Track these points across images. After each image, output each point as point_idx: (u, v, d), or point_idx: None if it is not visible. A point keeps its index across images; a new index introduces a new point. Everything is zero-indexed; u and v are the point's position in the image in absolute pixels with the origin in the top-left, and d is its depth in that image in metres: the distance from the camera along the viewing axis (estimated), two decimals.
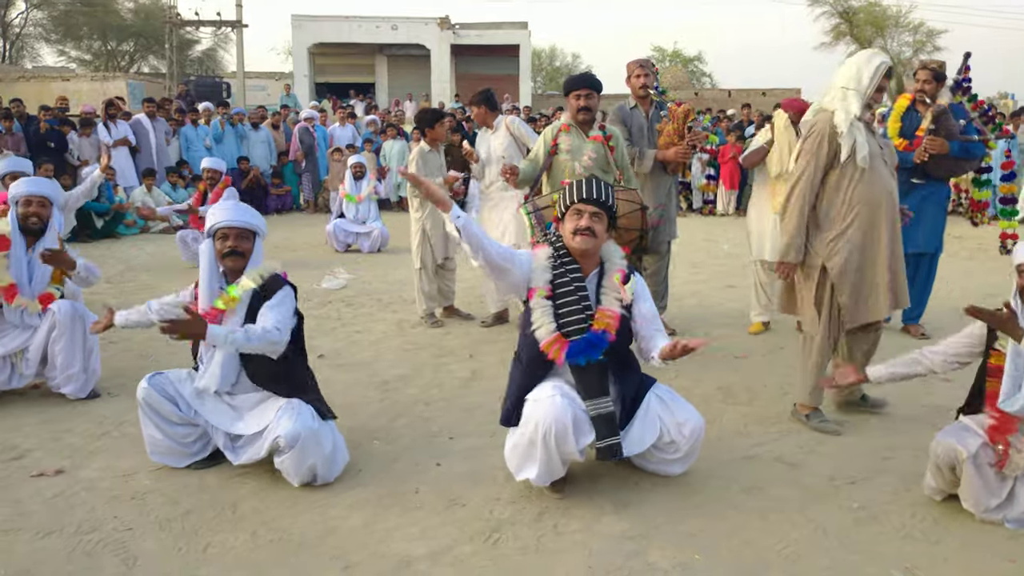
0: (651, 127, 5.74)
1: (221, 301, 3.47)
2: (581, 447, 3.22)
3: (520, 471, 3.34)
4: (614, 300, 3.34)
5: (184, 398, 3.58)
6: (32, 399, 4.62)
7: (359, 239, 10.18)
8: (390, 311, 6.92)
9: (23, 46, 38.12)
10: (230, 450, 3.57)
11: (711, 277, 8.28)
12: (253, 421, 3.51)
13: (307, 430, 3.35)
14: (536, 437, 3.17)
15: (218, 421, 3.55)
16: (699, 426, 3.37)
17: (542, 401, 3.20)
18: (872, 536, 3.08)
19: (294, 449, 3.33)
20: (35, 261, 4.54)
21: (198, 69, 38.37)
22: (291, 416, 3.38)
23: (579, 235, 3.30)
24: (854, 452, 3.86)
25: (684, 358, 3.27)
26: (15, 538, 3.04)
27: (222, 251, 3.53)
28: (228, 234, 3.53)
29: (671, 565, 2.87)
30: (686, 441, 3.35)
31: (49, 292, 4.59)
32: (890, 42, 36.30)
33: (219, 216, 3.55)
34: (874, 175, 3.94)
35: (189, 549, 2.98)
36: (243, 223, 3.56)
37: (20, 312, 4.51)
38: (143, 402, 3.54)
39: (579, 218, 3.31)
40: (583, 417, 3.22)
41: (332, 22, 28.54)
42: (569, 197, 3.38)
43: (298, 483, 3.44)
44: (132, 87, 23.87)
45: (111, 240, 10.92)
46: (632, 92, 5.80)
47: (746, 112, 15.57)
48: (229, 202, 3.67)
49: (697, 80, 41.46)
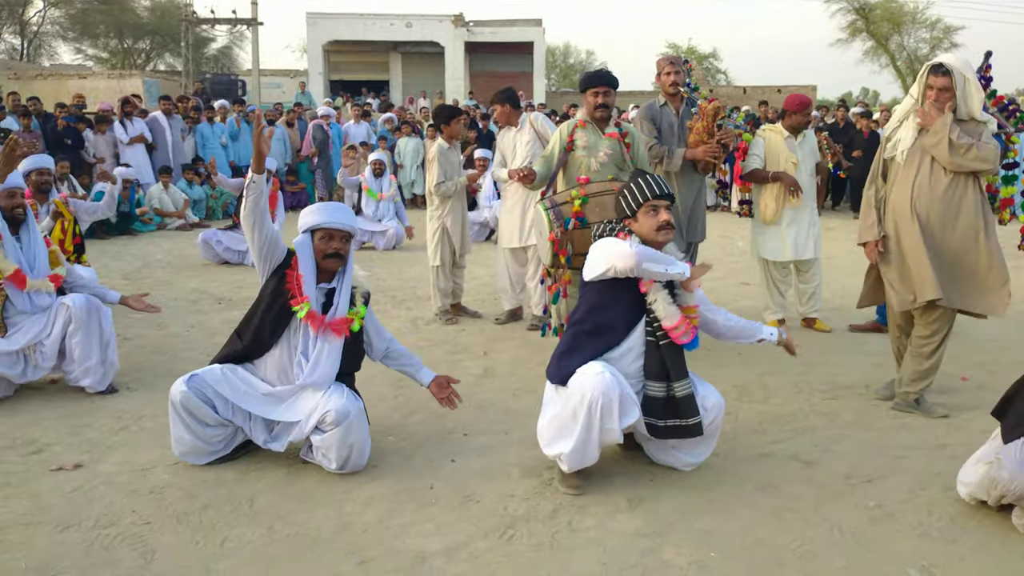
0: (681, 125, 5.65)
1: (355, 318, 3.65)
2: (624, 425, 3.24)
3: (552, 444, 3.36)
4: (687, 296, 3.50)
5: (223, 398, 3.59)
6: (51, 394, 4.66)
7: (374, 237, 10.20)
8: (404, 308, 6.94)
9: (41, 44, 38.43)
10: (271, 442, 3.62)
11: (726, 274, 8.25)
12: (294, 409, 3.56)
13: (356, 409, 3.50)
14: (580, 407, 3.20)
15: (261, 410, 3.59)
16: (719, 403, 3.47)
17: (590, 375, 3.24)
18: (888, 534, 3.07)
19: (341, 426, 3.42)
20: (32, 248, 4.60)
21: (214, 67, 38.57)
22: (341, 394, 3.51)
23: (663, 230, 3.42)
24: (870, 451, 3.85)
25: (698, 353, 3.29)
26: (35, 531, 3.08)
27: (326, 251, 3.57)
28: (334, 235, 3.57)
29: (686, 563, 2.87)
30: (708, 415, 3.42)
31: (56, 274, 4.64)
32: (906, 39, 36.08)
33: (324, 217, 3.58)
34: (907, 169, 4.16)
35: (206, 543, 3.00)
36: (349, 226, 3.63)
37: (29, 297, 4.54)
38: (179, 405, 3.53)
39: (657, 214, 3.42)
40: (628, 398, 3.26)
41: (347, 20, 28.59)
42: (641, 195, 3.44)
43: (335, 464, 3.49)
44: (148, 85, 23.99)
45: (128, 237, 10.99)
46: (662, 89, 5.73)
47: (763, 109, 15.50)
48: (332, 203, 3.70)
49: (712, 77, 41.32)
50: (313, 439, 3.51)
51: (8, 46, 37.09)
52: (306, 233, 3.61)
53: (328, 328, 3.58)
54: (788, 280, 6.13)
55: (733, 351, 5.47)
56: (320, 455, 3.53)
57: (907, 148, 4.19)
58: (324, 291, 3.64)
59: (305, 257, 3.58)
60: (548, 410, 3.45)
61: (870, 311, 6.15)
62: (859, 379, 4.91)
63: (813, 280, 6.13)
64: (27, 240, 4.62)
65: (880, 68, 37.46)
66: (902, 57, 36.36)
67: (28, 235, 4.64)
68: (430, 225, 6.52)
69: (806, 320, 6.24)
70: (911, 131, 4.18)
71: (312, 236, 3.60)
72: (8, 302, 4.51)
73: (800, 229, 5.95)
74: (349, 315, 3.63)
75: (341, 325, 3.60)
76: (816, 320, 6.20)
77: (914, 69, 35.39)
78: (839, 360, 5.31)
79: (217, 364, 3.68)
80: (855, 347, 5.64)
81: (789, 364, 5.19)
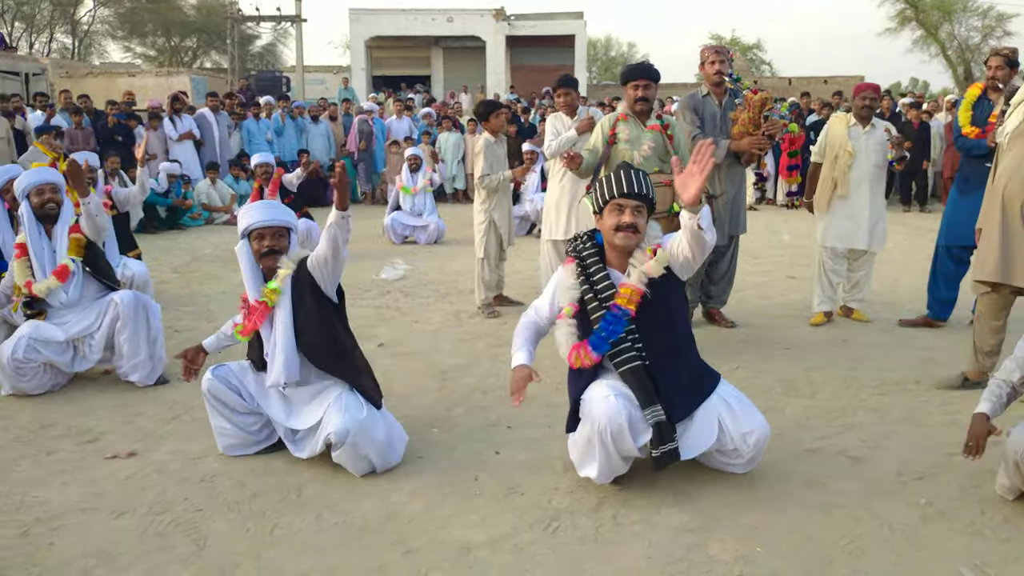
0: (724, 116, 5.56)
1: (264, 295, 3.54)
2: (639, 445, 3.18)
3: (581, 468, 3.34)
4: (639, 275, 3.20)
5: (247, 388, 3.66)
6: (104, 384, 4.78)
7: (416, 232, 10.26)
8: (447, 302, 6.98)
9: (91, 43, 39.31)
10: (291, 443, 3.66)
11: (773, 267, 8.16)
12: (307, 416, 3.57)
13: (355, 424, 3.37)
14: (593, 436, 3.14)
15: (277, 415, 3.63)
16: (764, 435, 3.27)
17: (597, 401, 3.16)
18: (940, 533, 3.01)
19: (345, 445, 3.37)
20: (56, 243, 4.67)
21: (258, 64, 39.12)
22: (339, 412, 3.41)
23: (621, 232, 3.20)
24: (920, 447, 3.78)
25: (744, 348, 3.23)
26: (91, 517, 3.16)
27: (260, 251, 3.56)
28: (264, 234, 3.56)
29: (732, 558, 2.85)
30: (750, 450, 3.27)
31: (64, 264, 4.65)
32: (957, 27, 35.15)
33: (252, 217, 3.57)
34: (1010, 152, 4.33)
35: (256, 530, 3.06)
36: (278, 221, 3.59)
37: (59, 292, 4.63)
38: (208, 393, 3.62)
39: (620, 214, 3.19)
40: (639, 416, 3.16)
41: (389, 15, 28.77)
42: (608, 191, 3.22)
43: (359, 475, 3.49)
44: (195, 82, 24.40)
45: (176, 231, 11.20)
46: (705, 79, 5.65)
47: (805, 100, 15.26)
48: (260, 202, 3.69)
49: (756, 68, 40.75)
50: (332, 454, 3.48)
51: (60, 45, 38.03)
52: (244, 239, 3.61)
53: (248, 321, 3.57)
54: (840, 272, 6.03)
55: (780, 346, 5.40)
56: (344, 467, 3.52)
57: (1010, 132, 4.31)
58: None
59: (245, 262, 3.60)
60: (571, 437, 3.37)
61: (921, 306, 6.04)
62: (909, 375, 4.82)
63: (861, 269, 6.05)
64: (57, 238, 4.69)
65: (930, 58, 36.55)
66: (952, 46, 35.46)
67: (58, 233, 4.70)
68: (477, 218, 6.53)
69: (844, 308, 6.16)
70: (1017, 118, 4.29)
71: (249, 239, 3.60)
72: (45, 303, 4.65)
73: (857, 219, 5.86)
74: (264, 292, 3.55)
75: (256, 312, 3.55)
76: (855, 310, 6.11)
77: (965, 59, 34.54)
78: (889, 355, 5.22)
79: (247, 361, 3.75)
80: (905, 342, 5.53)
81: (837, 360, 5.12)
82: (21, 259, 4.64)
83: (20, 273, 4.63)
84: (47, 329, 4.59)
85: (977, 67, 33.78)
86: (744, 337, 5.64)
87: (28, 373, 4.48)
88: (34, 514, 3.18)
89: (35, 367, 4.50)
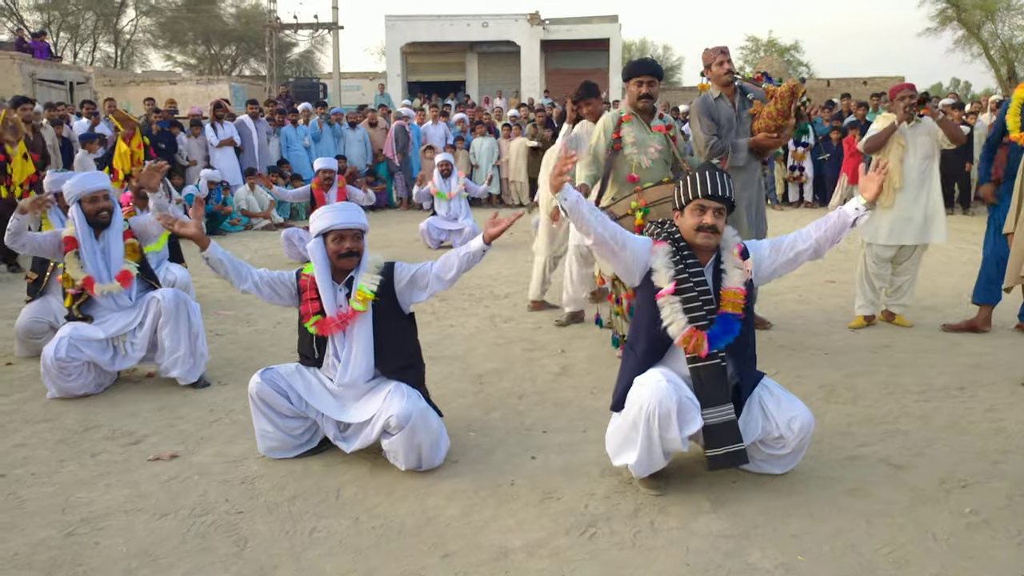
0: (740, 115, 5.37)
1: (357, 302, 3.60)
2: (685, 435, 3.17)
3: (618, 455, 3.34)
4: (737, 276, 3.28)
5: (295, 391, 3.70)
6: (147, 388, 4.87)
7: (451, 236, 10.31)
8: (482, 306, 6.99)
9: (133, 52, 40.06)
10: (340, 440, 3.69)
11: (810, 271, 8.05)
12: (362, 409, 3.62)
13: (418, 410, 3.48)
14: (639, 419, 3.15)
15: (329, 410, 3.67)
16: (808, 422, 3.31)
17: (648, 384, 3.17)
18: (985, 542, 2.95)
19: (405, 429, 3.43)
20: (108, 248, 4.78)
21: (296, 71, 39.58)
22: (401, 397, 3.51)
23: (702, 232, 3.24)
24: (965, 455, 3.70)
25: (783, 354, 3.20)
26: (135, 518, 3.22)
27: (339, 251, 3.60)
28: (344, 236, 3.61)
29: (772, 566, 2.81)
30: (795, 437, 3.29)
31: (125, 270, 4.80)
32: (1000, 27, 34.41)
33: (333, 219, 3.62)
34: None
35: (296, 532, 3.09)
36: (358, 224, 3.66)
37: (110, 297, 4.76)
38: (256, 397, 3.66)
39: (702, 214, 3.23)
40: (689, 404, 3.16)
41: (424, 21, 28.93)
42: (692, 191, 3.26)
43: (405, 466, 3.53)
44: (235, 89, 24.76)
45: (216, 237, 11.35)
46: (716, 81, 5.41)
47: (845, 102, 15.05)
48: (338, 204, 3.74)
49: (794, 70, 40.31)
50: (382, 442, 3.55)
51: (103, 54, 38.81)
52: (318, 238, 3.65)
53: (331, 325, 3.61)
54: (884, 276, 5.92)
55: (820, 352, 5.33)
56: (391, 457, 3.57)
57: None
58: (345, 287, 3.66)
59: (319, 262, 3.63)
60: (613, 421, 3.41)
61: (963, 311, 5.94)
62: (953, 381, 4.73)
63: (906, 273, 5.93)
64: (107, 243, 4.80)
65: (972, 58, 35.85)
66: (995, 46, 34.75)
67: (109, 238, 4.82)
68: (542, 218, 6.53)
69: (887, 313, 6.05)
70: None
71: (324, 240, 3.64)
72: (92, 299, 4.76)
73: (910, 213, 5.73)
74: (351, 305, 3.61)
75: (341, 318, 3.60)
76: (897, 315, 6.01)
77: (1008, 58, 33.80)
78: (932, 362, 5.12)
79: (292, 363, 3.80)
80: (949, 348, 5.43)
81: (878, 365, 5.04)
82: (72, 252, 4.74)
83: (72, 265, 4.73)
84: (87, 328, 4.69)
85: (1021, 67, 33.06)
86: (783, 342, 5.57)
87: (72, 373, 4.57)
88: (79, 515, 3.25)
89: (79, 366, 4.59)
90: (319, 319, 3.63)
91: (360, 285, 3.61)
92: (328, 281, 3.63)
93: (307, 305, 3.67)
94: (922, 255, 5.96)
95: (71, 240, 4.75)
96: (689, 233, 3.28)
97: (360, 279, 3.62)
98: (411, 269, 3.71)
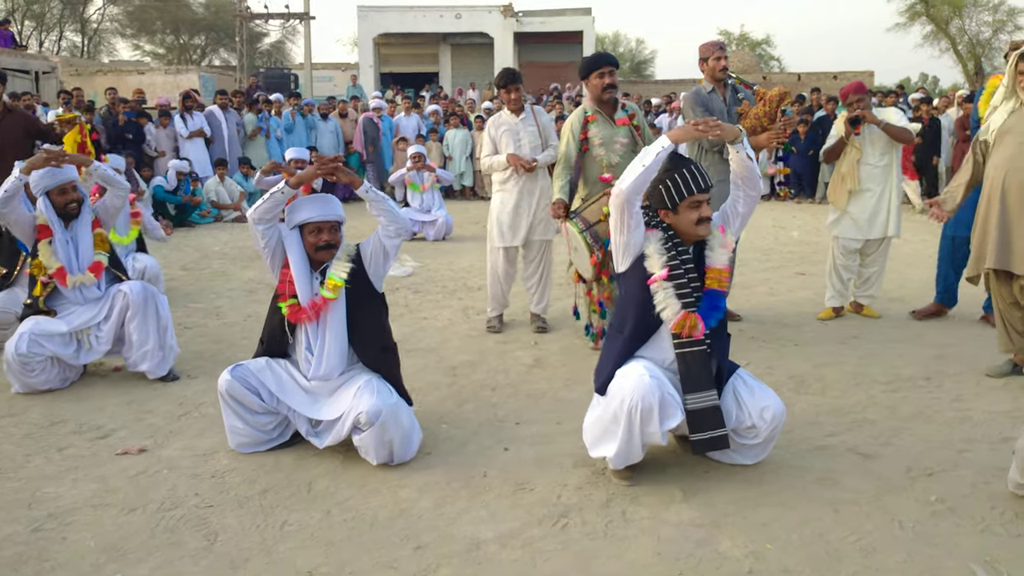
0: (730, 111, 5.46)
1: (327, 290, 3.57)
2: (665, 429, 3.20)
3: (596, 447, 3.36)
4: (723, 255, 3.39)
5: (266, 387, 3.66)
6: (115, 381, 4.80)
7: (424, 227, 10.27)
8: (456, 298, 6.98)
9: (100, 41, 39.45)
10: (312, 436, 3.67)
11: (781, 264, 8.14)
12: (333, 407, 3.60)
13: (387, 406, 3.45)
14: (620, 412, 3.17)
15: (301, 407, 3.64)
16: (780, 412, 3.36)
17: (631, 377, 3.20)
18: (950, 529, 3.00)
19: (375, 426, 3.41)
20: (77, 238, 4.72)
21: (267, 61, 39.18)
22: (371, 393, 3.49)
23: (703, 224, 3.36)
24: (931, 444, 3.76)
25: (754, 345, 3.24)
26: (103, 513, 3.18)
27: (317, 244, 3.59)
28: (322, 228, 3.60)
29: (742, 554, 2.84)
30: (767, 426, 3.34)
31: (97, 260, 4.75)
32: (968, 22, 34.91)
33: (310, 211, 3.60)
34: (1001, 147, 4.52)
35: (267, 526, 3.07)
36: (335, 216, 3.64)
37: (79, 289, 4.68)
38: (226, 394, 3.62)
39: (699, 208, 3.34)
40: (671, 400, 3.20)
41: (397, 12, 28.73)
42: (685, 189, 3.32)
43: (376, 461, 3.51)
44: (204, 80, 24.44)
45: (186, 228, 11.23)
46: (709, 76, 5.50)
47: (814, 96, 15.22)
48: (317, 196, 3.72)
49: (765, 64, 40.60)
50: (353, 438, 3.53)
51: (70, 43, 38.17)
52: (295, 229, 3.63)
53: (304, 314, 3.59)
54: (852, 267, 6.01)
55: (790, 343, 5.39)
56: (363, 452, 3.55)
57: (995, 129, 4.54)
58: (320, 275, 3.65)
59: (294, 252, 3.62)
60: (592, 412, 3.44)
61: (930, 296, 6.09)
62: (920, 372, 4.80)
63: (873, 265, 6.02)
64: (76, 234, 4.74)
65: (940, 53, 36.37)
66: (963, 42, 35.25)
67: (78, 229, 4.75)
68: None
69: (855, 304, 6.14)
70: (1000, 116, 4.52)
71: (301, 231, 3.62)
72: (57, 291, 4.67)
73: (866, 209, 5.83)
74: (322, 293, 3.59)
75: (314, 307, 3.59)
76: (865, 306, 6.10)
77: (975, 54, 34.31)
78: (900, 352, 5.19)
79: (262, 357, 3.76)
80: (916, 339, 5.51)
81: (847, 356, 5.11)
82: (46, 241, 4.64)
83: (46, 253, 4.64)
84: (49, 323, 4.59)
85: (988, 62, 33.56)
86: (753, 333, 5.62)
87: (35, 368, 4.49)
88: (46, 510, 3.20)
89: (41, 361, 4.50)
90: (294, 303, 3.61)
91: (331, 274, 3.60)
92: (305, 271, 3.61)
93: (284, 285, 3.65)
94: (889, 247, 6.05)
95: (45, 228, 4.66)
96: (689, 228, 3.36)
97: (332, 268, 3.61)
98: (369, 240, 3.73)
